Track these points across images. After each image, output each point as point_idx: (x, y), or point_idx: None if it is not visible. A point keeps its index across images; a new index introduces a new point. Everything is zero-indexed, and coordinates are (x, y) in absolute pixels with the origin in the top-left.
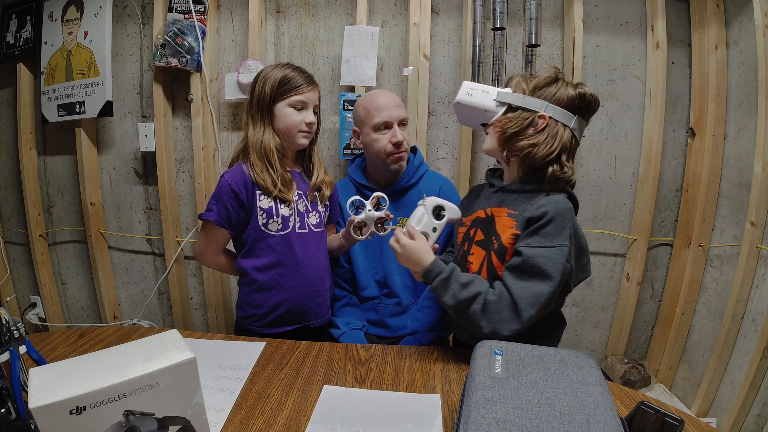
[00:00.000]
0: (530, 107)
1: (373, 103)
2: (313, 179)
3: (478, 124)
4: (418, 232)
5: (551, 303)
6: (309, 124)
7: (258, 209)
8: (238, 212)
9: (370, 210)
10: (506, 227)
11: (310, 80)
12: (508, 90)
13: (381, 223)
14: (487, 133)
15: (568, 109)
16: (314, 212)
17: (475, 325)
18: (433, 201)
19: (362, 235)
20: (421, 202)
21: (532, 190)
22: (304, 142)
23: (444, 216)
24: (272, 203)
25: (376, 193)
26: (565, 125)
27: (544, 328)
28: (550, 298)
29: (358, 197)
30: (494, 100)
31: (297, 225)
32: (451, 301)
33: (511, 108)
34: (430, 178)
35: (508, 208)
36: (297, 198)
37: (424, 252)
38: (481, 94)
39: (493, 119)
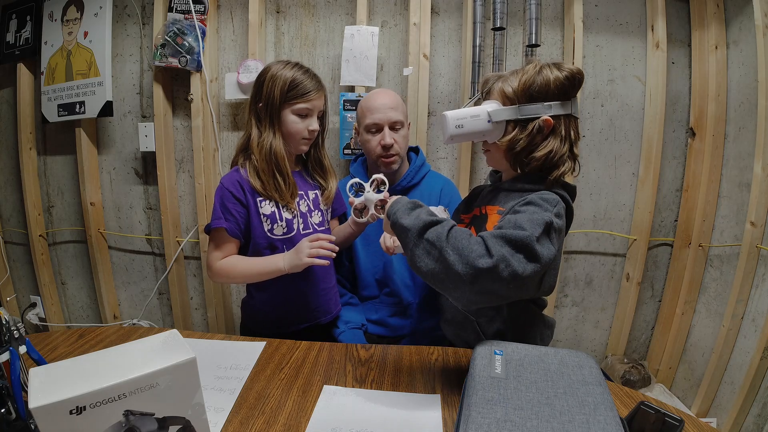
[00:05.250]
0: (530, 116)
1: (368, 104)
2: (328, 190)
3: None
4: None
5: (532, 256)
6: (311, 132)
7: (261, 216)
8: (244, 218)
9: (369, 192)
10: (494, 224)
11: (319, 85)
12: (495, 104)
13: (381, 205)
14: (487, 149)
15: (562, 95)
16: (317, 211)
17: (438, 253)
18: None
19: (363, 218)
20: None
21: (523, 189)
22: (305, 148)
23: None
24: (274, 208)
25: (376, 175)
26: (566, 116)
27: (527, 330)
28: (520, 245)
29: (358, 180)
30: (489, 121)
31: (301, 227)
32: (412, 221)
33: (509, 122)
34: (432, 179)
35: (500, 205)
36: (299, 199)
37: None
38: (472, 121)
39: (496, 140)
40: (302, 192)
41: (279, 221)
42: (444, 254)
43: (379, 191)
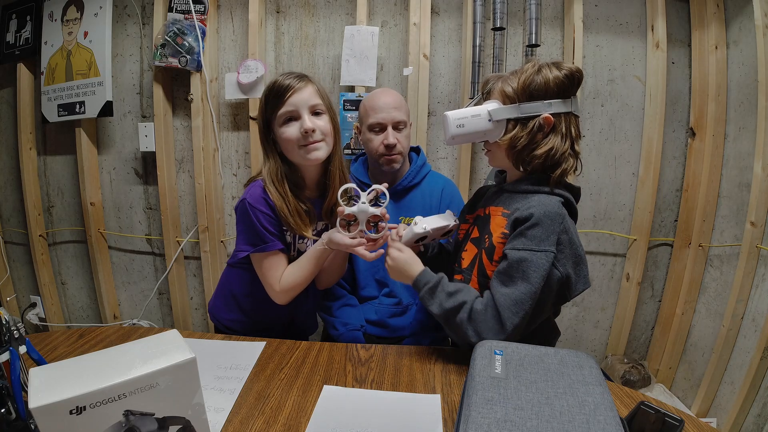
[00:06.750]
0: (530, 113)
1: (371, 103)
2: (328, 199)
3: (474, 142)
4: (406, 247)
5: (540, 310)
6: (306, 132)
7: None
8: (281, 231)
9: (364, 203)
10: (498, 226)
11: (297, 80)
12: (495, 104)
13: (375, 222)
14: (489, 149)
15: (562, 93)
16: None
17: (463, 334)
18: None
19: (348, 233)
20: (420, 224)
21: (527, 190)
22: (313, 156)
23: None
24: (291, 240)
25: (376, 186)
26: (567, 114)
27: (533, 339)
28: (531, 304)
29: (353, 185)
30: (489, 120)
31: None
32: (437, 310)
33: (510, 120)
34: (433, 179)
35: (504, 207)
36: (315, 233)
37: (414, 263)
38: (473, 120)
39: (497, 139)
40: (326, 222)
41: (292, 252)
42: (465, 333)
43: (376, 205)
